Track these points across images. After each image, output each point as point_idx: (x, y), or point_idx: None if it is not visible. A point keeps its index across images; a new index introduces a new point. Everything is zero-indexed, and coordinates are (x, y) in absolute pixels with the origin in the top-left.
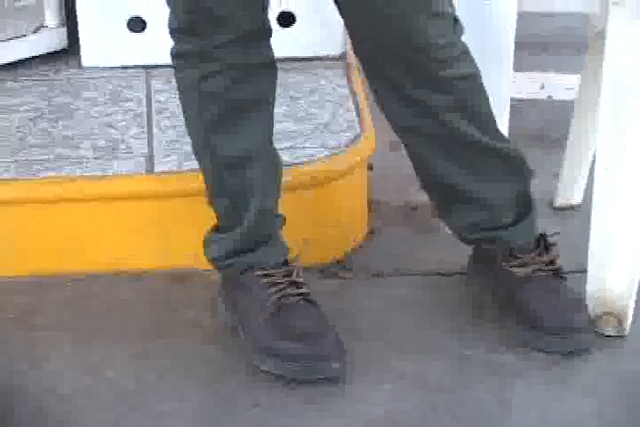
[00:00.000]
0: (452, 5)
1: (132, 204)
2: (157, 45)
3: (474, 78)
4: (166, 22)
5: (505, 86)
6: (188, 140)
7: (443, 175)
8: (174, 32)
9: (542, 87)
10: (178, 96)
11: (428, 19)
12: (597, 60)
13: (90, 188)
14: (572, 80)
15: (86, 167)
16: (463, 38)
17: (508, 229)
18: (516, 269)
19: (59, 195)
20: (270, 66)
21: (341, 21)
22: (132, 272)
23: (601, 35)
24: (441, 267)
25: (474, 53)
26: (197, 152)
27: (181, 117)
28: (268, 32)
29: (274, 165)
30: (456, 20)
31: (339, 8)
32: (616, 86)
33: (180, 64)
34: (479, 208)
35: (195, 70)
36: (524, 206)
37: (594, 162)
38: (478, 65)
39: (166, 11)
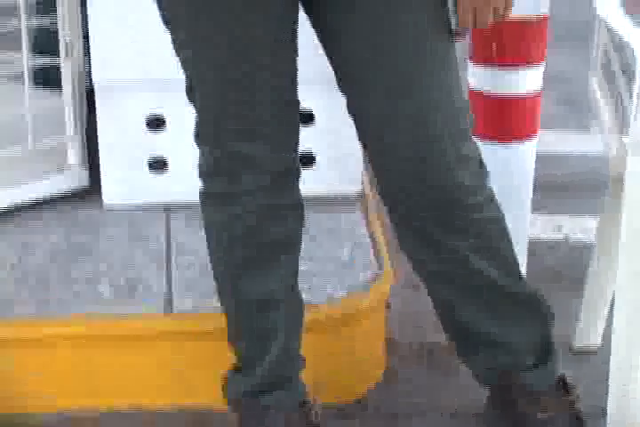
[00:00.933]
0: (477, 149)
1: (150, 344)
2: (178, 185)
3: (498, 222)
4: (186, 162)
5: (523, 228)
6: (207, 279)
7: (463, 317)
8: (203, 173)
9: (560, 229)
10: (204, 235)
11: (455, 163)
12: (617, 203)
13: (108, 327)
14: (590, 222)
15: (105, 306)
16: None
17: (529, 373)
18: (536, 413)
19: (77, 334)
20: (297, 207)
21: (359, 161)
22: (149, 412)
23: (620, 178)
24: (459, 408)
25: None
26: (221, 292)
27: (201, 256)
28: (297, 173)
29: (297, 306)
30: (482, 163)
31: (368, 154)
32: (636, 230)
33: (208, 205)
34: (500, 351)
35: (222, 212)
36: (545, 350)
37: (612, 304)
38: None
39: (186, 151)
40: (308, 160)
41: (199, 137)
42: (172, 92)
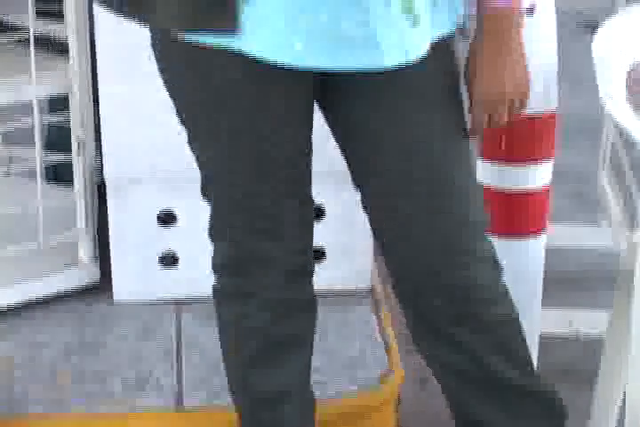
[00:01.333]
0: (492, 246)
1: None
2: (189, 280)
3: (513, 319)
4: (197, 258)
5: (533, 322)
6: (218, 375)
7: (476, 413)
8: (217, 268)
9: (571, 324)
10: (215, 331)
11: (469, 260)
12: (627, 298)
13: (118, 425)
14: (601, 317)
15: (115, 403)
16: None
17: None
18: None
19: None
20: (311, 305)
21: (369, 256)
22: None
23: (630, 273)
24: None
25: None
26: (232, 387)
27: (211, 352)
28: (310, 271)
29: (309, 403)
30: (496, 260)
31: (381, 248)
32: None
33: (221, 301)
34: None
35: (236, 307)
36: None
37: (624, 400)
38: None
39: (197, 246)
40: (318, 255)
41: (213, 233)
42: (183, 187)
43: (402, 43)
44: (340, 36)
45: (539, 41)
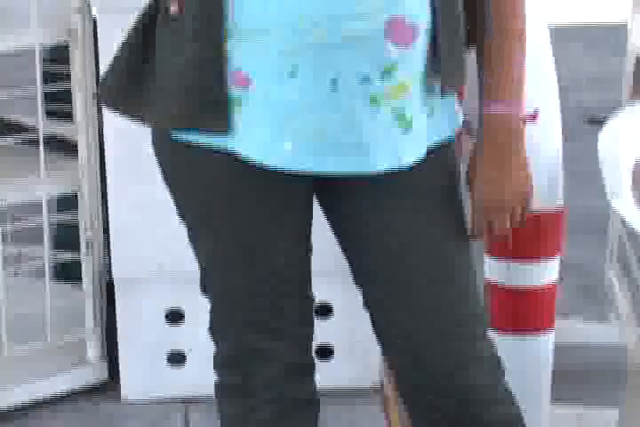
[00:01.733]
0: (493, 347)
1: None
2: (197, 378)
3: (515, 419)
4: (205, 356)
5: (542, 420)
6: None
7: None
8: (218, 365)
9: (580, 421)
10: None
11: (468, 364)
12: (636, 396)
13: None
14: (611, 414)
15: None
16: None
17: None
18: None
19: None
20: (312, 402)
21: (377, 353)
22: None
23: (639, 368)
24: None
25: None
26: None
27: None
28: (312, 367)
29: None
30: (498, 361)
31: (382, 346)
32: None
33: (223, 397)
34: None
35: (237, 404)
36: None
37: None
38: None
39: (205, 344)
40: (326, 353)
41: (213, 329)
42: (191, 286)
43: (394, 149)
44: (328, 141)
45: (543, 139)
